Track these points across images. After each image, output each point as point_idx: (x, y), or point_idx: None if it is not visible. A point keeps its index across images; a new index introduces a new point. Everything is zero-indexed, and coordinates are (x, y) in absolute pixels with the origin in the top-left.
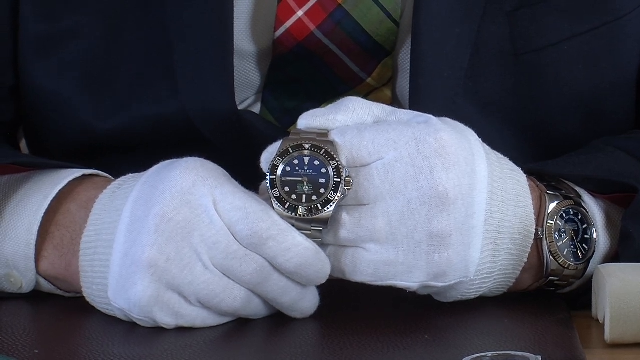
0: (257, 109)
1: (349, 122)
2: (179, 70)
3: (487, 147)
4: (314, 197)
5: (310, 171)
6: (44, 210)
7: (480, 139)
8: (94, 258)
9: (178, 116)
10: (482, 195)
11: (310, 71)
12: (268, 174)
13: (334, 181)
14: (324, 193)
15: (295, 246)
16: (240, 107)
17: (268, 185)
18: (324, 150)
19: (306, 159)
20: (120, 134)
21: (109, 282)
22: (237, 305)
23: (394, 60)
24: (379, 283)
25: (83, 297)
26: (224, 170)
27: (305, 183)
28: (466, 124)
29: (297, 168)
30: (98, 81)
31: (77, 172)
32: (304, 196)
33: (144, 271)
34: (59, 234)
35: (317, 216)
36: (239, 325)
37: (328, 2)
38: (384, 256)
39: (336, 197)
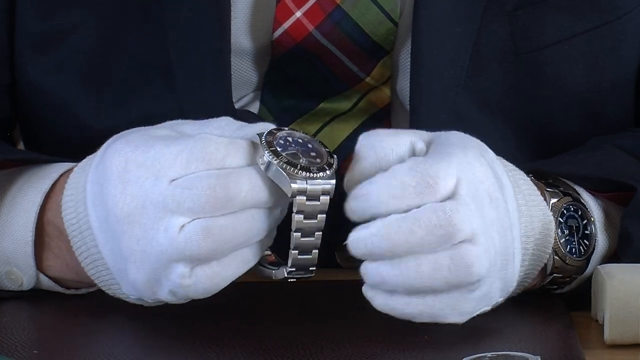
0: (255, 107)
1: None
2: (176, 68)
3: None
4: (313, 165)
5: (299, 147)
6: (38, 206)
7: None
8: (88, 255)
9: (175, 114)
10: (514, 207)
11: (309, 71)
12: (265, 148)
13: (326, 150)
14: (321, 162)
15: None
16: (237, 106)
17: (270, 156)
18: (300, 131)
19: (290, 139)
20: (117, 132)
21: (117, 280)
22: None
23: (394, 59)
24: (468, 317)
25: (83, 297)
26: (146, 132)
27: (300, 155)
28: (467, 123)
29: (286, 146)
30: (95, 79)
31: (68, 165)
32: (299, 165)
33: (130, 261)
34: (49, 229)
35: (326, 182)
36: (239, 326)
37: (327, 2)
38: (485, 289)
39: (334, 162)
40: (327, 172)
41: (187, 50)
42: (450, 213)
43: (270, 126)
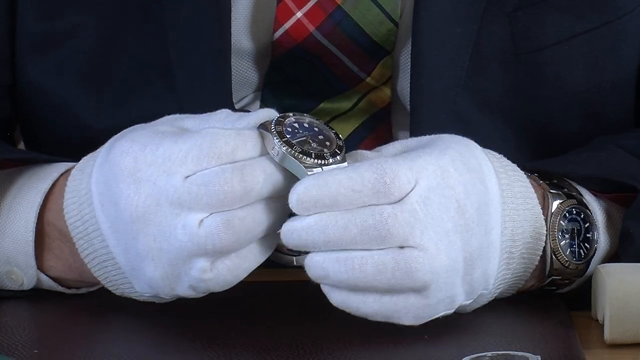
0: (255, 107)
1: None
2: (176, 68)
3: (488, 152)
4: (325, 150)
5: (308, 133)
6: (38, 206)
7: (482, 148)
8: (95, 257)
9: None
10: (497, 211)
11: (310, 71)
12: (276, 138)
13: (333, 132)
14: (331, 145)
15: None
16: (238, 106)
17: (282, 146)
18: (307, 115)
19: (297, 125)
20: (117, 132)
21: (129, 280)
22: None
23: (394, 59)
24: (425, 320)
25: (83, 296)
26: (149, 129)
27: (310, 141)
28: (467, 124)
29: (295, 133)
30: (96, 80)
31: (68, 165)
32: (313, 153)
33: (147, 259)
34: (49, 231)
35: (340, 166)
36: (239, 326)
37: (327, 3)
38: (440, 295)
39: (343, 145)
40: (339, 156)
41: (187, 50)
42: (387, 217)
43: (272, 112)
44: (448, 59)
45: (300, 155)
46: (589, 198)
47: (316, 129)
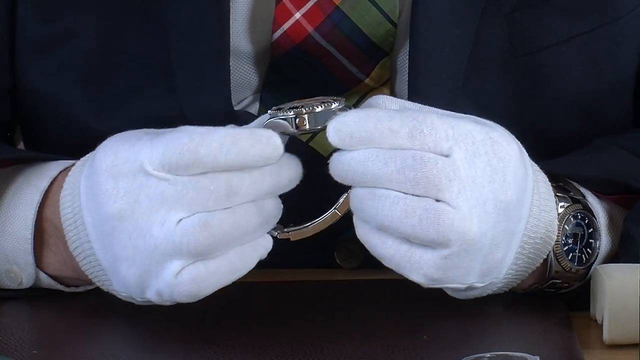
0: (254, 108)
1: None
2: (176, 68)
3: None
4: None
5: (304, 102)
6: (37, 204)
7: None
8: (82, 250)
9: (175, 116)
10: (528, 201)
11: (308, 72)
12: (288, 111)
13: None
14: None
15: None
16: (237, 107)
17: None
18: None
19: (293, 103)
20: (117, 133)
21: (109, 277)
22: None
23: (393, 61)
24: (434, 286)
25: (82, 297)
26: (142, 130)
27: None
28: None
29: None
30: (96, 81)
31: (67, 163)
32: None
33: (121, 257)
34: (46, 227)
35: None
36: (239, 326)
37: (326, 3)
38: (457, 261)
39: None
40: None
41: (187, 51)
42: (427, 161)
43: (266, 116)
44: (446, 60)
45: (293, 113)
46: (592, 200)
47: (310, 100)
